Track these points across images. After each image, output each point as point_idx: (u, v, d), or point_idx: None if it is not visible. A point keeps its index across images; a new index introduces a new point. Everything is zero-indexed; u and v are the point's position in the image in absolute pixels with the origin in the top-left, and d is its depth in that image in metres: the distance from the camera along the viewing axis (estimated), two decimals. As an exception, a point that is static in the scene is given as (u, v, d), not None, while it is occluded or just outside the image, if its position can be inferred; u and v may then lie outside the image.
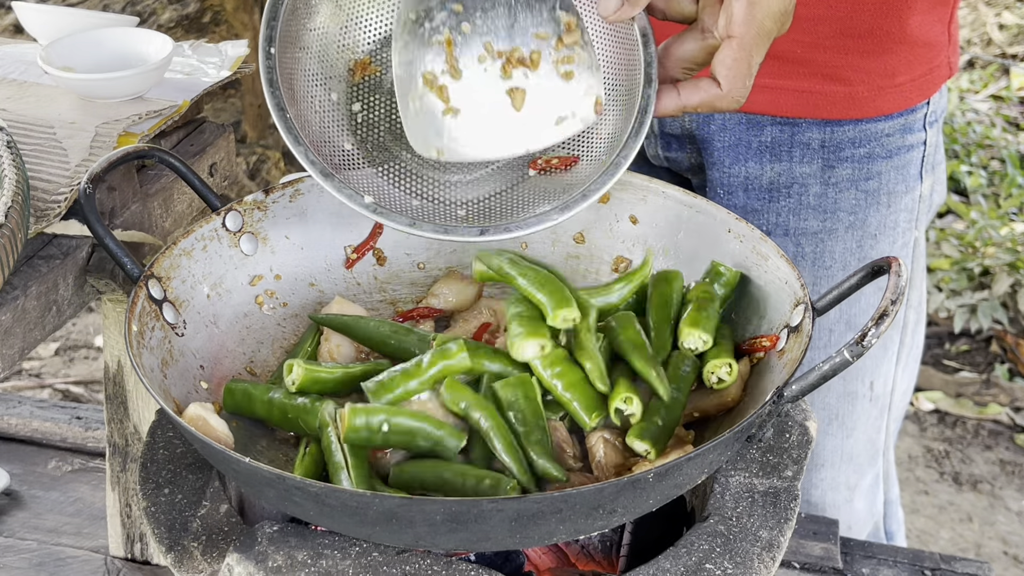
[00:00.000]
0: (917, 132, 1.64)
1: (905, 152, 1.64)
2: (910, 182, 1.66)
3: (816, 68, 1.57)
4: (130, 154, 1.34)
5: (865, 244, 1.62)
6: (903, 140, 1.63)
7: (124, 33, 1.61)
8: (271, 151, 4.05)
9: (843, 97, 1.59)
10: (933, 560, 1.68)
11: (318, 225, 1.42)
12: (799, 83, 1.58)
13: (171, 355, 1.26)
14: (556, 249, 1.46)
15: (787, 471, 1.26)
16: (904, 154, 1.64)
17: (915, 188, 1.67)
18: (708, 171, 1.66)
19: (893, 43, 1.57)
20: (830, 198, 1.62)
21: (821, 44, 1.56)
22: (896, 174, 1.64)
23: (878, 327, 1.08)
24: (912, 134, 1.64)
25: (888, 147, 1.62)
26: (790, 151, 1.62)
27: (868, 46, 1.56)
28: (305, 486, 1.06)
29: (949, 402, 3.45)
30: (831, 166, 1.61)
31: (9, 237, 1.20)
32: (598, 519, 1.08)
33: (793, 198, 1.62)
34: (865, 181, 1.63)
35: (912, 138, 1.64)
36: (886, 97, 1.60)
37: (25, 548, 1.72)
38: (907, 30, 1.56)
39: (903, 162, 1.64)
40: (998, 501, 3.12)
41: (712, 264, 1.33)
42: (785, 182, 1.62)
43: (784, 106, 1.60)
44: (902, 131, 1.63)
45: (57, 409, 2.00)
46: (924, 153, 1.66)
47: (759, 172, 1.62)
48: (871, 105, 1.60)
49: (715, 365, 1.23)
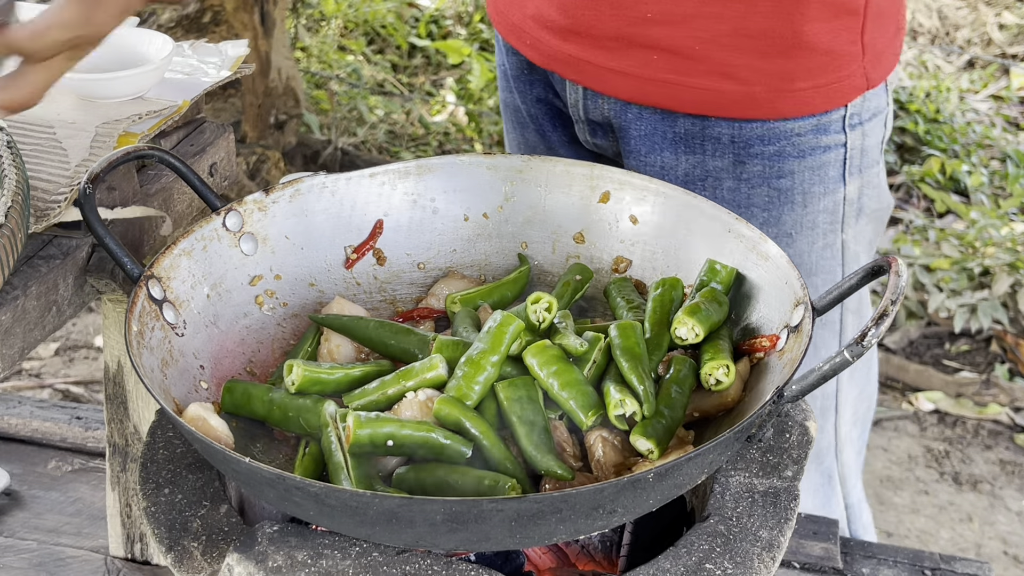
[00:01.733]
0: (834, 134, 1.63)
1: (820, 153, 1.63)
2: (829, 184, 1.65)
3: (714, 66, 1.58)
4: (130, 154, 1.34)
5: (780, 242, 1.59)
6: (817, 141, 1.62)
7: (124, 33, 1.61)
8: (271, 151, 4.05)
9: (742, 97, 1.59)
10: (933, 560, 1.68)
11: (318, 225, 1.42)
12: (699, 80, 1.59)
13: (171, 355, 1.26)
14: (557, 249, 1.47)
15: (787, 471, 1.26)
16: (819, 155, 1.63)
17: (836, 191, 1.65)
18: (625, 159, 1.68)
19: (788, 47, 1.56)
20: (743, 193, 1.63)
21: (717, 42, 1.56)
22: (811, 175, 1.63)
23: (878, 327, 1.08)
24: (827, 135, 1.62)
25: (800, 147, 1.62)
26: (702, 144, 1.62)
27: (763, 47, 1.56)
28: (305, 486, 1.06)
29: (949, 402, 3.45)
30: (742, 162, 1.62)
31: (9, 237, 1.20)
32: (598, 519, 1.08)
33: (708, 191, 1.63)
34: (777, 179, 1.62)
35: (828, 139, 1.63)
36: (785, 101, 1.60)
37: (25, 548, 1.72)
38: (803, 36, 1.56)
39: (818, 163, 1.63)
40: (998, 501, 3.12)
41: (708, 262, 1.33)
42: (699, 175, 1.63)
43: (688, 102, 1.61)
44: (815, 132, 1.62)
45: (57, 409, 2.00)
46: (846, 155, 1.65)
47: (674, 163, 1.63)
48: (770, 107, 1.59)
49: (712, 367, 1.23)
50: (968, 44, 5.44)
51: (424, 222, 1.48)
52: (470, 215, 1.48)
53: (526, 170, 1.47)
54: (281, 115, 4.21)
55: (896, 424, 3.40)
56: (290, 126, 4.25)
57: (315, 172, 1.43)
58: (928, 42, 5.47)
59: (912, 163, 4.54)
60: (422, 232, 1.48)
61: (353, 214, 1.43)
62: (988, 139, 4.65)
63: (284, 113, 4.22)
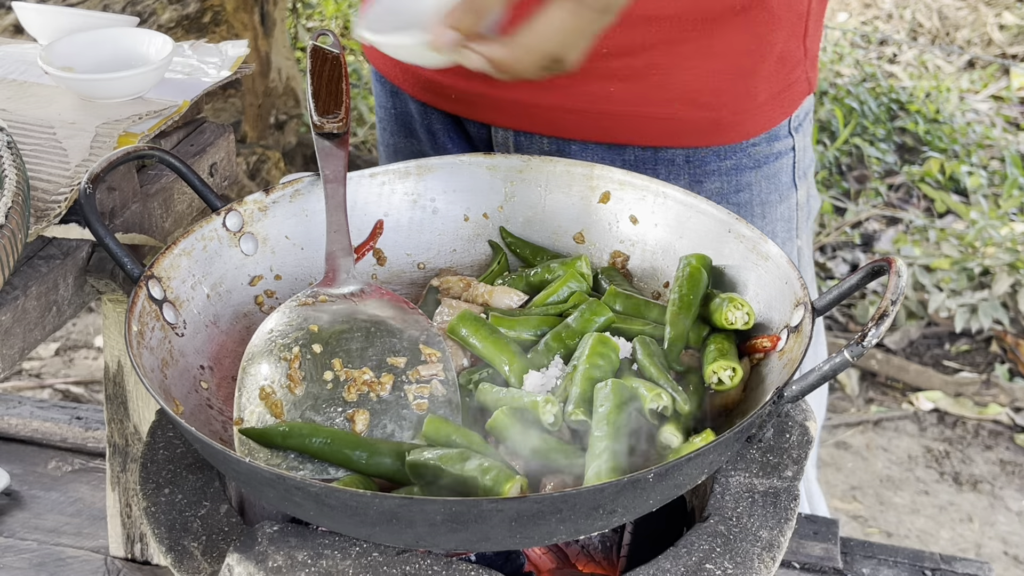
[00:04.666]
0: (784, 139, 1.61)
1: (774, 160, 1.61)
2: (783, 191, 1.63)
3: (676, 93, 1.53)
4: (130, 154, 1.34)
5: None
6: (770, 148, 1.60)
7: (124, 33, 1.61)
8: (271, 151, 4.05)
9: (705, 123, 1.55)
10: (933, 560, 1.68)
11: (318, 225, 1.42)
12: (658, 109, 1.55)
13: (171, 355, 1.26)
14: (557, 249, 1.46)
15: (787, 471, 1.26)
16: (773, 162, 1.61)
17: (790, 196, 1.64)
18: None
19: (755, 63, 1.54)
20: None
21: (680, 66, 1.52)
22: (767, 183, 1.61)
23: (878, 327, 1.08)
24: (779, 141, 1.61)
25: (755, 157, 1.59)
26: (655, 168, 1.59)
27: (728, 66, 1.53)
28: (305, 486, 1.06)
29: (949, 402, 3.45)
30: (699, 181, 1.59)
31: (9, 238, 1.20)
32: (598, 519, 1.08)
33: None
34: (735, 194, 1.60)
35: (779, 145, 1.61)
36: (749, 121, 1.57)
37: (25, 548, 1.72)
38: (772, 50, 1.54)
39: (773, 171, 1.61)
40: (998, 501, 3.12)
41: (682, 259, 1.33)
42: None
43: (648, 134, 1.57)
44: (768, 139, 1.60)
45: (57, 409, 2.00)
46: (794, 159, 1.63)
47: None
48: (734, 130, 1.57)
49: (719, 367, 1.23)
50: (968, 44, 5.44)
51: (424, 222, 1.48)
52: (470, 215, 1.48)
53: (526, 170, 1.47)
54: (281, 115, 4.21)
55: (896, 424, 3.40)
56: (290, 126, 4.25)
57: (315, 172, 1.43)
58: (928, 42, 5.47)
59: (912, 163, 4.54)
60: (422, 232, 1.48)
61: (353, 214, 1.43)
62: (988, 139, 4.65)
63: (284, 113, 4.22)
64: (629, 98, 1.55)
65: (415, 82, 1.70)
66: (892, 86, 4.96)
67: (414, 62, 1.34)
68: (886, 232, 4.17)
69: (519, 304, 1.37)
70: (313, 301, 1.33)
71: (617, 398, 1.18)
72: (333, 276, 1.35)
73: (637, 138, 1.57)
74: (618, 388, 1.19)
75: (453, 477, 1.12)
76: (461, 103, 1.66)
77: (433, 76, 1.65)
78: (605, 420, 1.16)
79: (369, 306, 1.33)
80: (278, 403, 1.23)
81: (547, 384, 1.25)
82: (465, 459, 1.13)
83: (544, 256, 1.45)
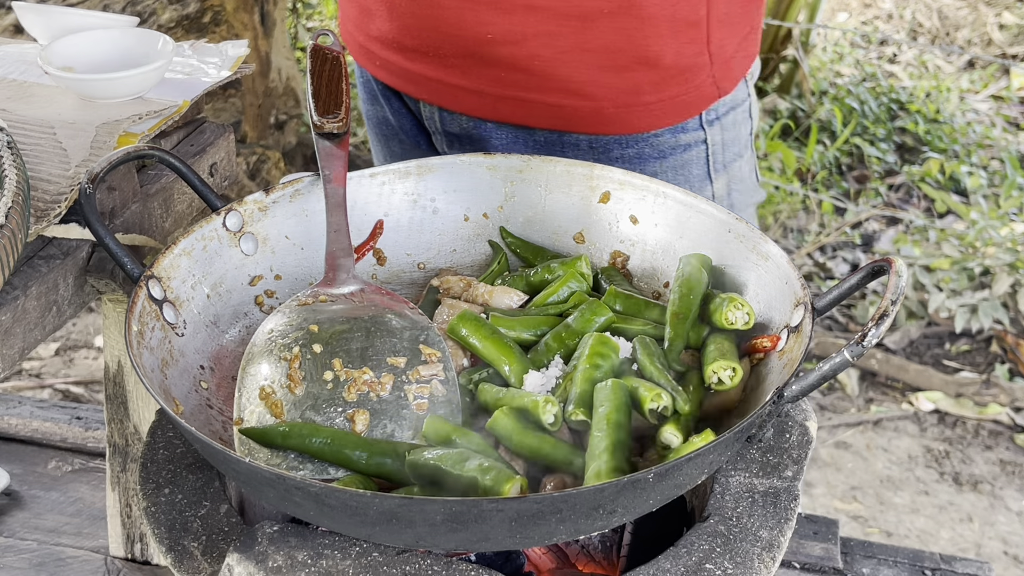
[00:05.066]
0: (692, 132, 1.62)
1: (681, 152, 1.62)
2: (694, 183, 1.64)
3: (560, 83, 1.56)
4: (130, 154, 1.34)
5: None
6: (676, 140, 1.61)
7: (124, 33, 1.61)
8: (271, 151, 4.05)
9: (592, 112, 1.58)
10: (933, 560, 1.68)
11: (318, 225, 1.42)
12: (550, 97, 1.58)
13: (171, 355, 1.26)
14: (557, 249, 1.46)
15: (787, 471, 1.26)
16: (680, 154, 1.62)
17: (703, 190, 1.65)
18: None
19: (631, 63, 1.55)
20: None
21: (560, 59, 1.55)
22: (675, 175, 1.62)
23: (878, 327, 1.08)
24: (686, 134, 1.62)
25: (659, 148, 1.61)
26: (562, 151, 1.62)
27: (605, 63, 1.55)
28: (305, 486, 1.06)
29: (949, 402, 3.45)
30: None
31: (9, 238, 1.20)
32: (598, 519, 1.08)
33: None
34: None
35: (687, 137, 1.62)
36: (635, 115, 1.59)
37: (25, 548, 1.72)
38: (646, 52, 1.54)
39: (680, 163, 1.62)
40: (998, 501, 3.12)
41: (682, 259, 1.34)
42: None
43: (540, 119, 1.59)
44: (672, 131, 1.60)
45: (57, 409, 2.00)
46: (707, 153, 1.64)
47: None
48: (621, 122, 1.58)
49: (719, 367, 1.23)
50: (968, 44, 5.44)
51: (424, 222, 1.48)
52: (470, 215, 1.48)
53: (526, 170, 1.47)
54: (281, 115, 4.21)
55: (896, 424, 3.40)
56: (290, 126, 4.25)
57: (315, 172, 1.43)
58: (928, 42, 5.47)
59: (912, 163, 4.54)
60: (422, 232, 1.48)
61: (353, 214, 1.43)
62: (988, 139, 4.65)
63: (284, 113, 4.22)
64: (520, 84, 1.58)
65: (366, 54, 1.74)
66: (892, 86, 4.96)
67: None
68: (886, 232, 4.17)
69: (519, 304, 1.37)
70: (313, 301, 1.33)
71: (617, 398, 1.18)
72: (333, 276, 1.35)
73: (539, 122, 1.61)
74: (618, 388, 1.19)
75: (453, 477, 1.12)
76: (398, 77, 1.70)
77: (378, 50, 1.69)
78: (605, 420, 1.16)
79: (369, 306, 1.33)
80: (278, 403, 1.23)
81: (547, 384, 1.25)
82: (465, 459, 1.13)
83: (544, 256, 1.45)
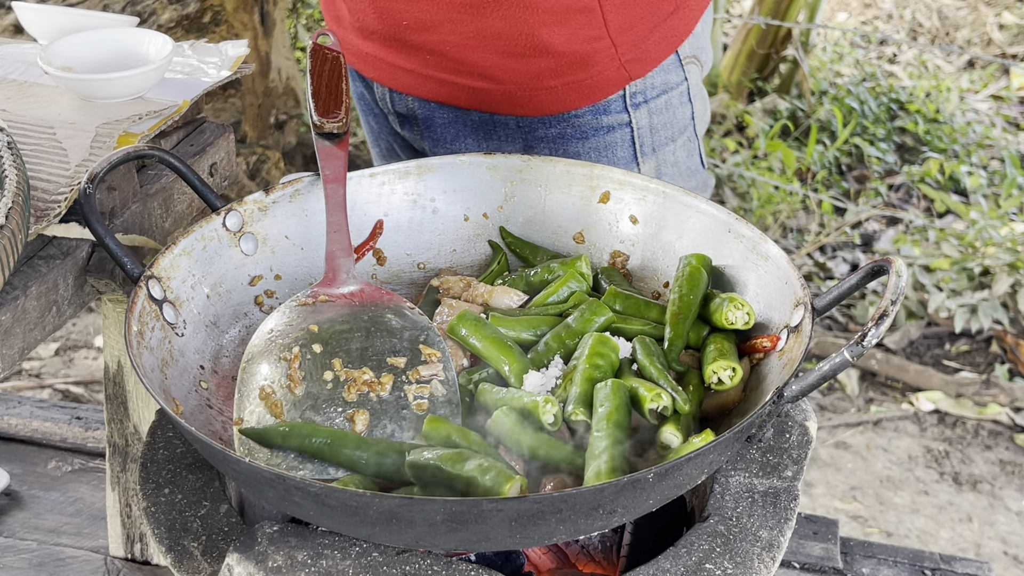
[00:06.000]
0: (615, 114, 1.63)
1: (604, 134, 1.63)
2: (619, 165, 1.65)
3: (471, 67, 1.60)
4: (130, 154, 1.34)
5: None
6: (598, 122, 1.63)
7: (124, 33, 1.61)
8: (271, 151, 4.05)
9: (503, 94, 1.61)
10: (933, 560, 1.68)
11: (318, 225, 1.42)
12: (467, 80, 1.62)
13: (171, 355, 1.26)
14: (557, 249, 1.46)
15: (787, 471, 1.26)
16: (603, 136, 1.63)
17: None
18: (432, 149, 1.70)
19: (527, 49, 1.57)
20: None
21: (466, 44, 1.59)
22: (598, 156, 1.64)
23: (878, 327, 1.08)
24: (608, 116, 1.63)
25: (581, 128, 1.63)
26: (495, 130, 1.65)
27: (503, 48, 1.58)
28: (305, 486, 1.06)
29: (949, 402, 3.45)
30: (530, 145, 1.64)
31: (9, 238, 1.20)
32: (598, 519, 1.08)
33: None
34: None
35: (609, 120, 1.63)
36: (540, 98, 1.61)
37: (25, 548, 1.72)
38: (538, 40, 1.56)
39: (603, 144, 1.64)
40: (998, 501, 3.12)
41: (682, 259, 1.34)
42: None
43: (468, 100, 1.63)
44: (593, 112, 1.62)
45: (57, 409, 2.00)
46: (633, 135, 1.65)
47: (476, 149, 1.66)
48: (529, 104, 1.62)
49: (719, 367, 1.23)
50: (968, 44, 5.44)
51: (424, 222, 1.48)
52: (470, 215, 1.48)
53: (526, 170, 1.47)
54: (281, 115, 4.21)
55: (896, 424, 3.40)
56: (290, 126, 4.25)
57: (315, 172, 1.43)
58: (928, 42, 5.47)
59: (912, 163, 4.54)
60: (422, 232, 1.48)
61: (353, 214, 1.43)
62: (988, 139, 4.65)
63: (284, 113, 4.22)
64: (444, 67, 1.62)
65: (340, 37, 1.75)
66: (892, 86, 4.96)
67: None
68: (886, 232, 4.17)
69: (519, 304, 1.37)
70: (313, 301, 1.33)
71: (617, 398, 1.18)
72: (333, 276, 1.35)
73: (469, 103, 1.64)
74: (618, 388, 1.19)
75: (453, 477, 1.12)
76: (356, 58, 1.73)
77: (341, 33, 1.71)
78: (605, 420, 1.16)
79: (369, 306, 1.33)
80: (278, 403, 1.23)
81: (547, 384, 1.25)
82: (465, 459, 1.13)
83: (544, 256, 1.45)
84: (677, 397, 1.19)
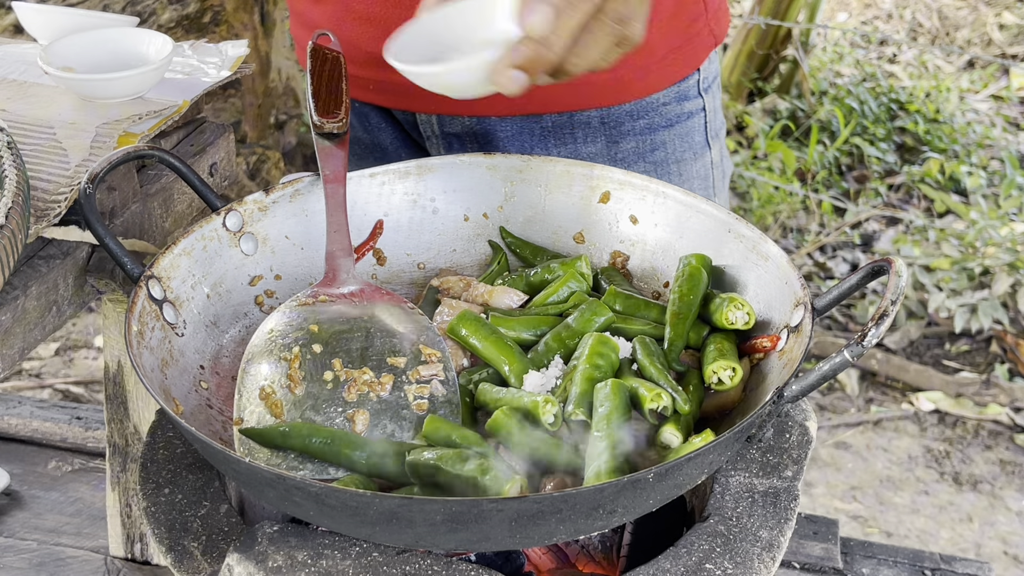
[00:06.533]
0: (694, 99, 1.66)
1: (686, 119, 1.66)
2: (697, 149, 1.68)
3: None
4: (130, 154, 1.34)
5: None
6: (681, 108, 1.65)
7: (124, 33, 1.61)
8: (271, 151, 4.05)
9: (611, 82, 1.60)
10: (933, 560, 1.68)
11: (318, 225, 1.42)
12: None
13: (171, 355, 1.26)
14: (557, 249, 1.46)
15: (787, 471, 1.26)
16: (685, 121, 1.66)
17: (704, 155, 1.69)
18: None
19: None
20: None
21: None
22: (680, 142, 1.66)
23: (878, 327, 1.08)
24: (689, 101, 1.66)
25: (667, 116, 1.64)
26: (572, 133, 1.63)
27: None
28: (305, 486, 1.06)
29: (949, 402, 3.45)
30: (615, 142, 1.63)
31: (9, 238, 1.20)
32: (598, 519, 1.08)
33: None
34: (651, 152, 1.65)
35: (690, 105, 1.66)
36: (651, 75, 1.62)
37: (25, 548, 1.72)
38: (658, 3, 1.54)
39: (685, 130, 1.66)
40: (998, 501, 3.12)
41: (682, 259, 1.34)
42: None
43: (561, 100, 1.60)
44: (677, 99, 1.65)
45: (57, 409, 2.00)
46: (706, 120, 1.69)
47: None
48: (640, 85, 1.61)
49: (719, 367, 1.23)
50: (968, 44, 5.44)
51: (424, 222, 1.48)
52: (470, 215, 1.48)
53: (526, 170, 1.47)
54: (281, 115, 4.21)
55: (896, 424, 3.40)
56: (290, 126, 4.25)
57: (315, 172, 1.43)
58: (928, 42, 5.47)
59: (912, 163, 4.54)
60: (422, 232, 1.48)
61: (353, 214, 1.43)
62: (988, 139, 4.65)
63: (284, 113, 4.22)
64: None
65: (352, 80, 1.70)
66: (892, 86, 4.96)
67: (446, 92, 1.29)
68: (886, 232, 4.17)
69: (519, 304, 1.37)
70: (313, 301, 1.33)
71: (617, 398, 1.18)
72: (333, 276, 1.35)
73: (551, 105, 1.61)
74: (618, 388, 1.19)
75: (453, 477, 1.12)
76: (384, 93, 1.69)
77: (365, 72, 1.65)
78: (605, 420, 1.16)
79: (369, 306, 1.33)
80: (278, 403, 1.23)
81: (547, 384, 1.25)
82: (465, 459, 1.13)
83: (544, 256, 1.45)
84: (677, 397, 1.19)
